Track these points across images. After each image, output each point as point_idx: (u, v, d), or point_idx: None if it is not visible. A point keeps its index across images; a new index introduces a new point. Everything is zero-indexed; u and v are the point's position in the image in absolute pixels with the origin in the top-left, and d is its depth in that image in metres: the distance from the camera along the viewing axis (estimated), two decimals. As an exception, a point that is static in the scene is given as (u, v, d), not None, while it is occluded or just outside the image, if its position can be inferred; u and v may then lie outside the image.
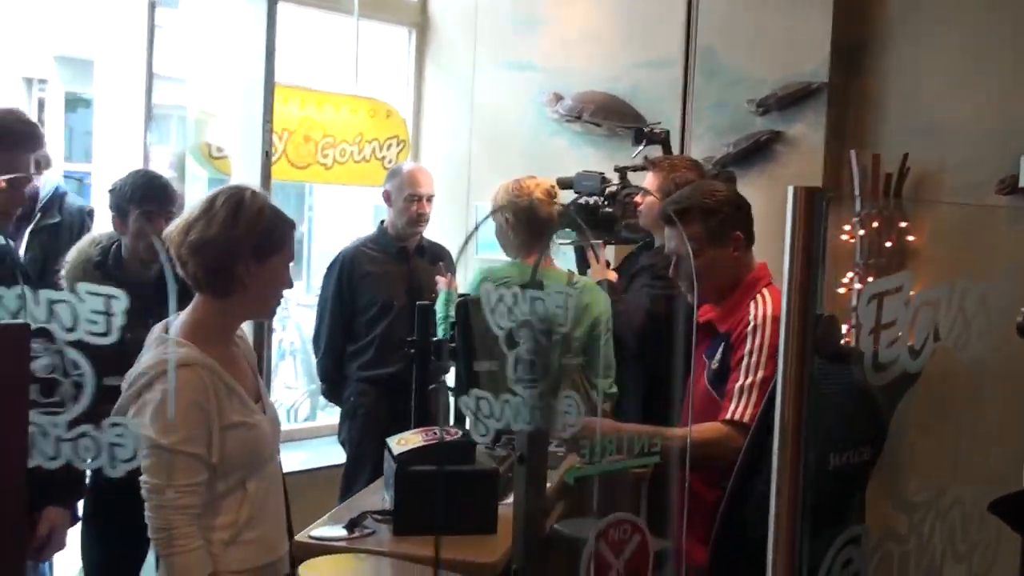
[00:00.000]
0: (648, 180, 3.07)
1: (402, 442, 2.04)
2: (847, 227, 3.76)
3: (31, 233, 3.17)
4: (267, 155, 3.25)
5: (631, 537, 1.30)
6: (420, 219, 3.69)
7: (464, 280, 3.69)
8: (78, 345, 0.91)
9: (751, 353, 2.15)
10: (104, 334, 0.90)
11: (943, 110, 3.69)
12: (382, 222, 3.84)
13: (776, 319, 2.07)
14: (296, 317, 6.03)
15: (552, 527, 1.43)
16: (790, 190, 1.22)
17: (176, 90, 4.90)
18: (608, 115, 4.15)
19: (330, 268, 3.74)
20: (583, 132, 4.31)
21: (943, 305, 1.33)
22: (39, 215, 3.20)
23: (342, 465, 3.73)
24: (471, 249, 3.97)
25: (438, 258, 3.73)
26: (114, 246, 2.54)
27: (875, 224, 3.72)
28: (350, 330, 3.70)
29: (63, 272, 2.49)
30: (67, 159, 6.98)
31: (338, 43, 4.54)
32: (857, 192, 3.74)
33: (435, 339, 2.11)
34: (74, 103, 7.04)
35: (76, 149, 7.19)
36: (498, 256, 3.20)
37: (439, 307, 3.03)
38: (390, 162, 4.33)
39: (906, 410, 1.40)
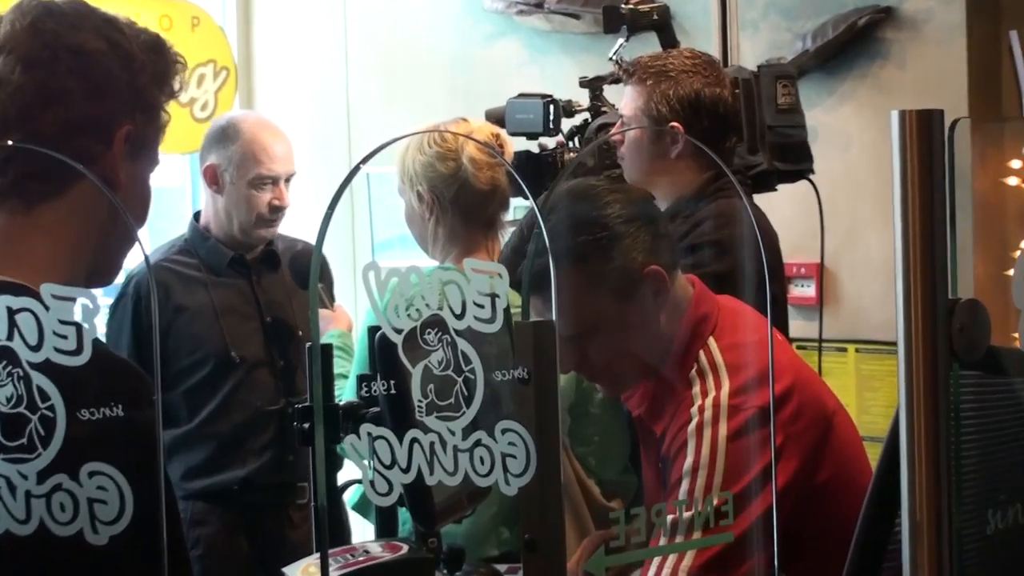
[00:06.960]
0: (625, 99, 2.38)
1: (309, 570, 1.60)
2: (1018, 162, 3.08)
3: None
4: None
5: None
6: (276, 214, 2.76)
7: (357, 307, 2.94)
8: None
9: (692, 472, 1.60)
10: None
11: None
12: (196, 216, 2.86)
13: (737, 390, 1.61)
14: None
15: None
16: (893, 116, 1.03)
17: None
18: None
19: (115, 307, 2.69)
20: (548, 31, 3.46)
21: None
22: None
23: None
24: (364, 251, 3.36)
25: (304, 271, 2.68)
26: None
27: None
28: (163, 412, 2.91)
29: None
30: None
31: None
32: (1025, 105, 3.12)
33: (343, 403, 1.61)
34: None
35: None
36: (409, 258, 2.49)
37: (338, 354, 2.40)
38: (205, 108, 3.55)
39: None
